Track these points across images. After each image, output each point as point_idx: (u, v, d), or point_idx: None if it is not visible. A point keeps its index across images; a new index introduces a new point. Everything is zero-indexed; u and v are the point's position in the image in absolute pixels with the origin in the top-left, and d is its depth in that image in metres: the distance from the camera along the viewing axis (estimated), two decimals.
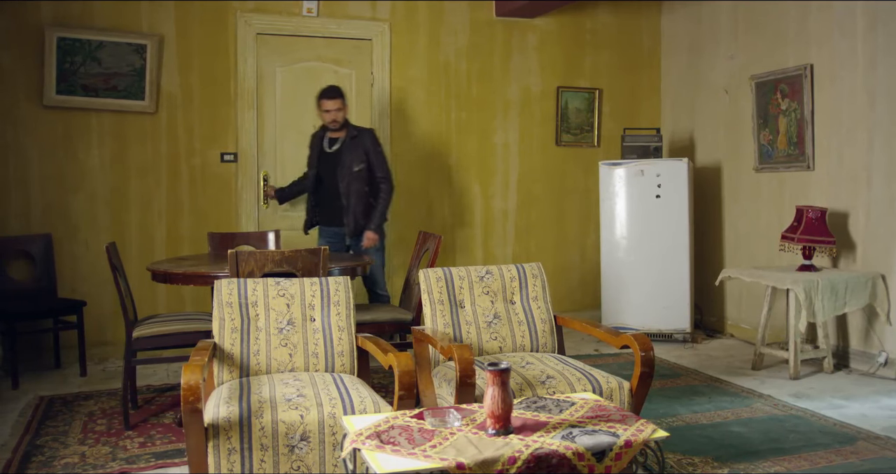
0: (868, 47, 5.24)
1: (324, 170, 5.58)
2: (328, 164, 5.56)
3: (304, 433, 2.80)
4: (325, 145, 5.60)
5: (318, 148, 5.63)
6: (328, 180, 5.55)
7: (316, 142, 5.67)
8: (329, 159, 5.56)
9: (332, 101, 5.43)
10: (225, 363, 3.31)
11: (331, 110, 5.43)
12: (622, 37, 7.24)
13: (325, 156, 5.58)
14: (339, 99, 5.45)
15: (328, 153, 5.57)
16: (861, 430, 4.09)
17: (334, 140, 5.58)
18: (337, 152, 5.54)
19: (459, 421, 2.54)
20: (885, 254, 5.16)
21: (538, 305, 3.89)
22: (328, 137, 5.60)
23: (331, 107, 5.43)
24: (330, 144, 5.59)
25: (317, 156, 5.62)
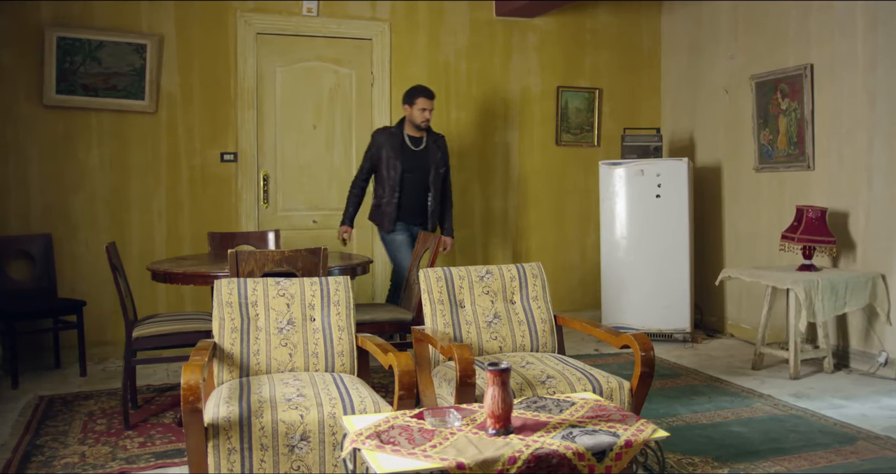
0: (868, 47, 5.24)
1: (410, 168, 5.54)
2: (416, 163, 5.55)
3: (304, 433, 2.80)
4: (409, 143, 5.56)
5: (400, 146, 5.54)
6: (414, 179, 5.55)
7: (394, 140, 5.55)
8: (417, 158, 5.56)
9: (430, 101, 5.51)
10: (225, 363, 3.31)
11: (427, 109, 5.49)
12: (622, 37, 7.24)
13: (411, 155, 5.55)
14: (433, 100, 5.55)
15: (415, 151, 5.57)
16: (861, 430, 4.08)
17: (417, 139, 5.59)
18: (424, 151, 5.58)
19: (459, 421, 2.53)
20: (886, 253, 5.16)
21: (538, 305, 3.88)
22: (408, 135, 5.57)
23: (429, 105, 5.50)
24: (413, 144, 5.58)
25: (401, 155, 5.52)
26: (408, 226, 5.62)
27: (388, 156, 5.51)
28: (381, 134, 5.61)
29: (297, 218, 6.32)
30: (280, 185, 6.26)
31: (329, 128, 6.38)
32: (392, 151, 5.51)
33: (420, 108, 5.48)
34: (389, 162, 5.51)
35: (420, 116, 5.49)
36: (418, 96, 5.48)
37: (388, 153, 5.51)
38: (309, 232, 6.30)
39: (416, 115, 5.50)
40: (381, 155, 5.53)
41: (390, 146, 5.53)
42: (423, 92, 5.50)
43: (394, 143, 5.53)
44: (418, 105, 5.48)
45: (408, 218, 5.60)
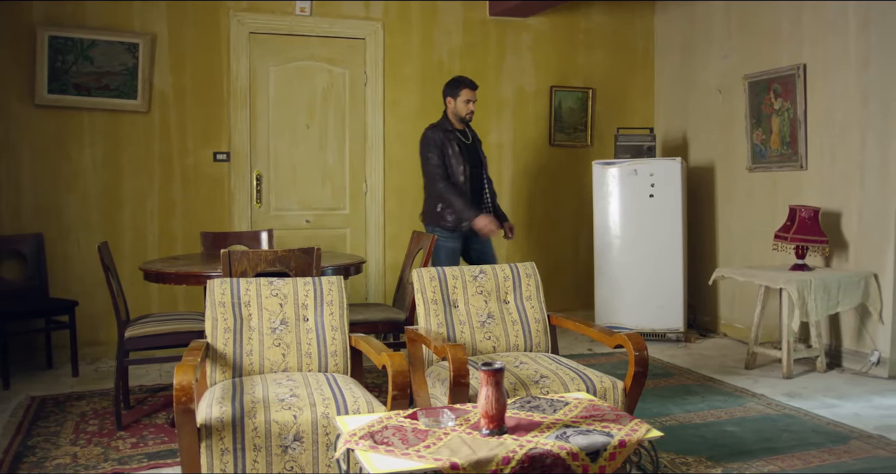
0: (860, 47, 5.25)
1: (471, 161, 5.36)
2: (473, 157, 5.38)
3: (297, 433, 2.79)
4: (462, 138, 5.36)
5: (459, 141, 5.31)
6: (475, 175, 5.37)
7: (451, 136, 5.29)
8: (472, 153, 5.39)
9: (475, 92, 5.32)
10: (218, 363, 3.29)
11: (472, 100, 5.30)
12: (616, 36, 7.25)
13: (467, 149, 5.35)
14: (476, 91, 5.37)
15: (469, 146, 5.38)
16: (854, 429, 4.09)
17: (464, 133, 5.40)
18: (474, 145, 5.44)
19: (453, 422, 2.53)
20: (878, 253, 5.17)
21: (532, 305, 3.88)
22: (456, 130, 5.35)
23: (473, 97, 5.32)
24: (463, 137, 5.38)
25: (462, 151, 5.29)
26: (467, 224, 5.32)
27: (452, 154, 5.25)
28: (436, 131, 5.31)
29: (290, 217, 6.31)
30: (273, 185, 6.25)
31: (322, 127, 6.37)
32: (454, 148, 5.26)
33: (465, 100, 5.27)
34: (454, 158, 5.25)
35: (465, 109, 5.28)
36: (463, 88, 5.27)
37: (451, 150, 5.25)
38: (302, 231, 6.30)
39: (460, 108, 5.28)
40: (446, 152, 5.25)
41: (450, 142, 5.26)
42: (467, 83, 5.28)
43: (452, 139, 5.27)
44: (462, 97, 5.27)
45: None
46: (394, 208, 6.55)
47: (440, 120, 5.37)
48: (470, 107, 5.29)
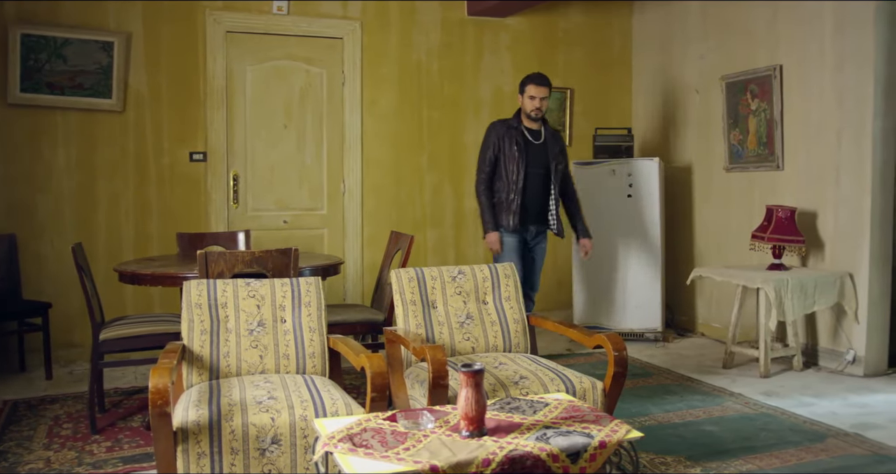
0: (836, 48, 5.28)
1: (532, 162, 5.14)
2: (537, 158, 5.16)
3: (275, 436, 2.76)
4: (528, 136, 5.15)
5: (521, 140, 5.12)
6: (536, 175, 5.15)
7: (513, 133, 5.12)
8: (537, 153, 5.17)
9: (541, 88, 5.09)
10: (194, 365, 3.26)
11: (536, 97, 5.08)
12: (594, 36, 7.26)
13: (532, 150, 5.15)
14: (546, 87, 5.11)
15: (535, 145, 5.17)
16: (831, 428, 4.12)
17: (535, 132, 5.20)
18: (543, 146, 5.20)
19: (433, 423, 2.51)
20: (854, 252, 5.21)
21: (511, 305, 3.87)
22: (525, 128, 5.17)
23: (537, 93, 5.08)
24: (532, 136, 5.17)
25: (522, 149, 5.10)
26: (525, 228, 5.23)
27: (509, 152, 5.10)
28: (498, 126, 5.19)
29: (267, 218, 6.27)
30: (250, 185, 6.20)
31: (300, 127, 6.33)
32: (512, 146, 5.10)
33: (529, 96, 5.09)
34: (510, 157, 5.10)
35: (529, 105, 5.09)
36: (528, 83, 5.11)
37: (508, 148, 5.11)
38: (279, 232, 6.25)
39: (526, 104, 5.12)
40: (502, 149, 5.12)
41: (510, 140, 5.12)
42: (532, 78, 5.10)
43: (513, 137, 5.11)
44: (528, 92, 5.10)
45: (528, 220, 5.22)
46: (372, 208, 6.53)
47: (513, 115, 5.25)
48: (535, 103, 5.09)
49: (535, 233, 5.26)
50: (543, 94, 5.08)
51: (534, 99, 5.08)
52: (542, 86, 5.08)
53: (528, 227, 5.22)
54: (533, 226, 5.23)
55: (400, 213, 6.62)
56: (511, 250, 5.17)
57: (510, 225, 5.12)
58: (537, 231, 5.27)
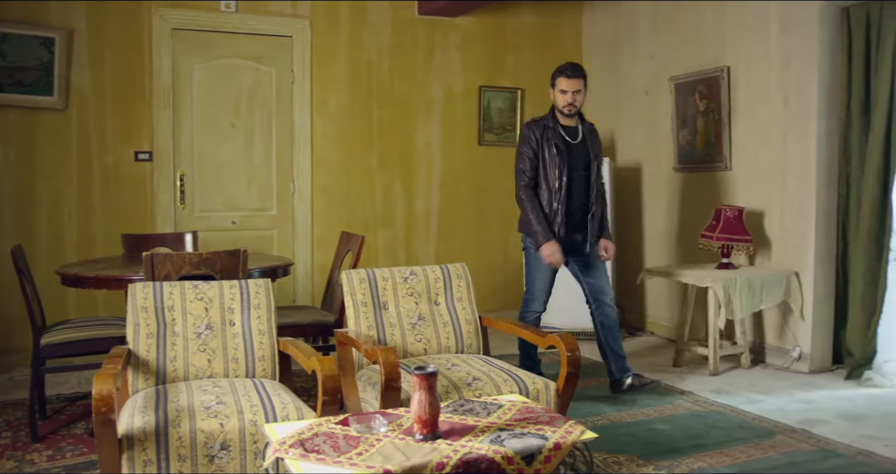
0: (782, 48, 5.36)
1: (574, 164, 4.62)
2: (578, 159, 4.64)
3: (224, 442, 2.70)
4: (565, 135, 4.64)
5: (560, 141, 4.61)
6: (579, 178, 4.64)
7: (551, 133, 4.60)
8: (578, 153, 4.64)
9: (572, 81, 4.55)
10: (140, 370, 3.18)
11: (568, 91, 4.56)
12: (544, 37, 7.28)
13: (572, 149, 4.63)
14: (580, 79, 4.57)
15: (575, 145, 4.64)
16: (778, 424, 4.18)
17: (572, 130, 4.67)
18: (583, 144, 4.67)
19: (385, 427, 2.48)
20: (799, 251, 5.29)
21: (463, 306, 3.85)
22: (561, 126, 4.66)
23: (569, 87, 4.55)
24: (569, 135, 4.65)
25: (564, 151, 4.59)
26: (570, 238, 4.67)
27: (549, 156, 4.58)
28: (534, 127, 4.66)
29: (215, 219, 6.16)
30: (197, 185, 6.09)
31: (248, 127, 6.24)
32: (550, 146, 4.59)
33: (560, 90, 4.58)
34: (550, 162, 4.58)
35: (561, 100, 4.58)
36: (558, 76, 4.61)
37: (547, 151, 4.59)
38: (228, 233, 6.15)
39: (557, 99, 4.61)
40: (541, 151, 4.61)
41: (548, 140, 4.59)
42: (562, 70, 4.60)
43: (551, 137, 4.59)
44: (558, 86, 4.59)
45: (573, 229, 4.67)
46: (322, 209, 6.46)
47: (546, 113, 4.73)
48: (567, 98, 4.57)
49: (580, 240, 4.72)
50: (576, 87, 4.56)
51: (565, 93, 4.57)
52: (575, 78, 4.57)
53: (573, 236, 4.69)
54: (579, 234, 4.70)
55: (350, 214, 6.57)
56: (547, 267, 4.67)
57: (560, 235, 4.62)
58: (584, 237, 4.72)
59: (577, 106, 4.59)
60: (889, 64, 4.84)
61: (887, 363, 4.99)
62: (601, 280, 4.78)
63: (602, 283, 4.77)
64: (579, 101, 4.59)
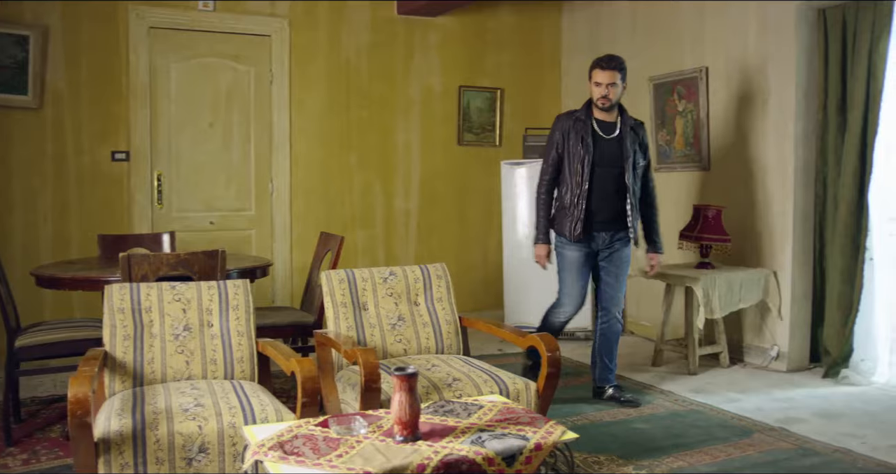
0: (759, 50, 5.40)
1: (602, 160, 4.44)
2: (609, 154, 4.45)
3: (202, 444, 2.67)
4: (598, 129, 4.48)
5: (590, 133, 4.43)
6: (605, 175, 4.44)
7: (579, 126, 4.46)
8: (608, 148, 4.46)
9: (606, 73, 4.38)
10: (117, 373, 3.14)
11: (602, 83, 4.38)
12: (523, 37, 7.28)
13: (603, 144, 4.45)
14: (615, 71, 4.38)
15: (607, 140, 4.47)
16: (757, 423, 4.20)
17: (609, 125, 4.49)
18: (619, 140, 4.47)
19: (366, 429, 2.46)
20: (777, 251, 5.33)
21: (443, 306, 3.84)
22: (596, 120, 4.49)
23: (604, 79, 4.38)
24: (603, 129, 4.48)
25: (589, 144, 4.42)
26: (594, 236, 4.52)
27: (573, 147, 4.44)
28: (564, 119, 4.54)
29: (193, 219, 6.12)
30: (175, 185, 6.04)
31: (226, 126, 6.20)
32: (577, 140, 4.43)
33: (595, 83, 4.41)
34: (574, 154, 4.44)
35: (596, 92, 4.41)
36: (593, 68, 4.44)
37: (572, 142, 4.45)
38: (206, 233, 6.11)
39: (593, 91, 4.44)
40: (566, 145, 4.48)
41: (575, 134, 4.45)
42: (597, 62, 4.43)
43: (579, 130, 4.44)
44: (593, 78, 4.42)
45: (597, 226, 4.50)
46: (301, 209, 6.43)
47: (583, 106, 4.58)
48: (601, 90, 4.38)
49: (608, 241, 4.54)
50: (611, 80, 4.36)
51: (600, 85, 4.38)
52: (610, 69, 4.38)
53: (596, 236, 4.52)
54: (605, 234, 4.52)
55: (329, 214, 6.54)
56: (572, 265, 4.56)
57: (573, 234, 4.46)
58: (612, 238, 4.53)
59: (611, 99, 4.38)
60: (865, 65, 4.88)
61: (864, 361, 5.03)
62: (616, 289, 4.60)
63: (615, 293, 4.60)
64: (615, 94, 4.39)
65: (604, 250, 4.56)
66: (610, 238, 4.52)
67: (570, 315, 4.69)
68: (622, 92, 4.46)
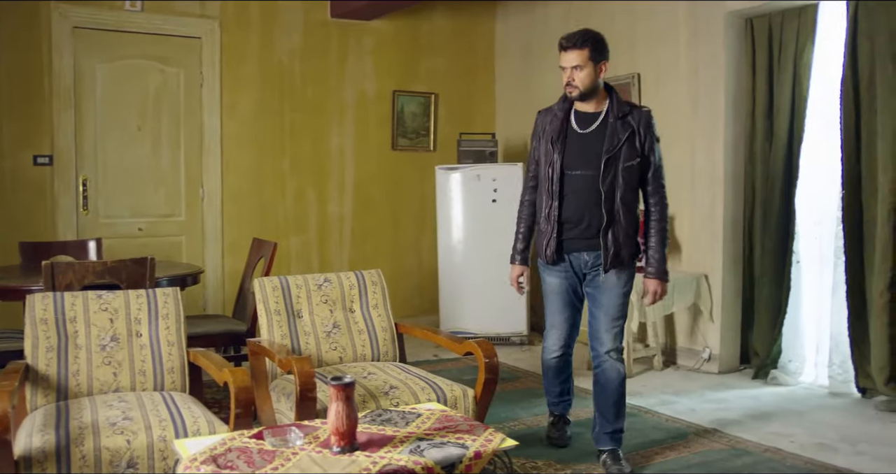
0: (690, 57, 5.49)
1: (573, 161, 3.55)
2: (581, 153, 3.54)
3: (131, 459, 2.58)
4: (573, 123, 3.62)
5: (561, 128, 3.60)
6: (584, 178, 3.53)
7: (553, 121, 3.64)
8: (582, 145, 3.55)
9: (568, 54, 3.49)
10: (39, 386, 3.02)
11: (566, 67, 3.50)
12: (458, 41, 7.29)
13: (578, 142, 3.57)
14: (578, 49, 3.47)
15: (581, 135, 3.57)
16: (691, 424, 4.26)
17: (589, 116, 3.59)
18: (596, 135, 3.54)
19: (301, 440, 2.41)
20: (708, 254, 5.42)
21: (378, 313, 3.80)
22: (576, 112, 3.63)
23: (566, 62, 3.49)
24: (581, 123, 3.60)
25: (561, 141, 3.58)
26: (574, 258, 3.63)
27: (545, 148, 3.65)
28: (541, 116, 3.77)
29: (120, 225, 5.95)
30: (101, 190, 5.87)
31: (155, 130, 6.04)
32: (546, 140, 3.65)
33: (560, 68, 3.55)
34: (546, 156, 3.63)
35: (563, 78, 3.55)
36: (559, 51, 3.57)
37: (546, 143, 3.64)
38: (135, 240, 5.94)
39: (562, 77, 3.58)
40: (541, 147, 3.70)
41: (550, 132, 3.63)
42: (559, 44, 3.55)
43: (555, 127, 3.62)
44: (560, 63, 3.56)
45: (574, 245, 3.61)
46: (233, 214, 6.31)
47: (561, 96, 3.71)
48: (565, 76, 3.52)
49: (590, 264, 3.62)
50: (575, 62, 3.47)
51: (564, 70, 3.52)
52: (570, 49, 3.49)
53: (576, 257, 3.63)
54: (586, 255, 3.60)
55: (262, 219, 6.43)
56: (552, 292, 3.77)
57: (545, 255, 3.66)
58: (595, 261, 3.60)
59: (578, 86, 3.49)
60: (790, 73, 5.00)
61: (791, 362, 5.16)
62: (605, 316, 3.64)
63: (599, 327, 3.66)
64: (581, 80, 3.47)
65: (588, 275, 3.64)
66: (593, 260, 3.59)
67: (558, 351, 3.85)
68: (598, 74, 3.52)
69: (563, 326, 3.79)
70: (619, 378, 3.65)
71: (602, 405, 3.68)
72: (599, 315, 3.64)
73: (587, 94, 3.52)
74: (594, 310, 3.66)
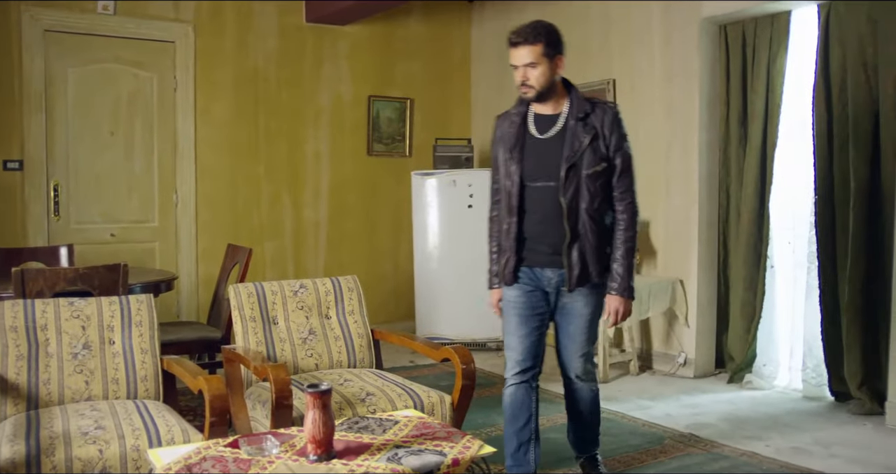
0: (665, 63, 5.52)
1: (533, 171, 3.22)
2: (540, 161, 3.21)
3: (103, 469, 2.54)
4: (531, 127, 3.30)
5: (518, 134, 3.29)
6: (541, 190, 3.20)
7: (510, 126, 3.34)
8: (541, 152, 3.22)
9: (518, 51, 3.17)
10: (9, 395, 2.96)
11: (518, 66, 3.18)
12: (433, 46, 7.28)
13: (537, 149, 3.24)
14: (530, 45, 3.14)
15: (540, 141, 3.25)
16: (667, 429, 4.27)
17: (547, 119, 3.27)
18: (556, 140, 3.21)
19: (278, 448, 2.38)
20: (683, 260, 5.44)
21: (355, 319, 3.78)
22: (534, 114, 3.32)
23: (517, 60, 3.18)
24: (540, 127, 3.28)
25: (519, 149, 3.26)
26: (537, 273, 3.28)
27: (505, 158, 3.31)
28: (499, 122, 3.45)
29: (92, 231, 5.87)
30: (73, 196, 5.79)
31: (128, 134, 5.98)
32: (508, 147, 3.30)
33: (512, 66, 3.23)
34: (504, 165, 3.31)
35: (516, 79, 3.23)
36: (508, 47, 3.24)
37: (504, 151, 3.32)
38: (107, 246, 5.87)
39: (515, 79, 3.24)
40: (500, 156, 3.36)
41: (508, 138, 3.32)
42: (508, 39, 3.23)
43: (512, 133, 3.31)
44: (510, 61, 3.24)
45: (537, 260, 3.26)
46: (207, 220, 6.26)
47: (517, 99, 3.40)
48: (518, 76, 3.20)
49: (554, 283, 3.28)
50: (527, 59, 3.15)
51: (517, 69, 3.20)
52: (520, 45, 3.16)
53: (541, 272, 3.27)
54: (550, 272, 3.26)
55: (236, 225, 6.38)
56: (511, 308, 3.37)
57: (503, 274, 3.31)
58: (560, 280, 3.26)
59: (533, 86, 3.18)
60: (763, 79, 5.04)
61: (766, 366, 5.19)
62: (571, 344, 3.40)
63: (569, 349, 3.43)
64: (535, 78, 3.16)
65: (551, 295, 3.32)
66: (557, 279, 3.26)
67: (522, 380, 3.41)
68: (554, 71, 3.20)
69: (523, 348, 3.37)
70: (591, 396, 3.48)
71: (576, 416, 3.52)
72: (567, 343, 3.41)
73: (544, 94, 3.21)
74: (561, 337, 3.44)
